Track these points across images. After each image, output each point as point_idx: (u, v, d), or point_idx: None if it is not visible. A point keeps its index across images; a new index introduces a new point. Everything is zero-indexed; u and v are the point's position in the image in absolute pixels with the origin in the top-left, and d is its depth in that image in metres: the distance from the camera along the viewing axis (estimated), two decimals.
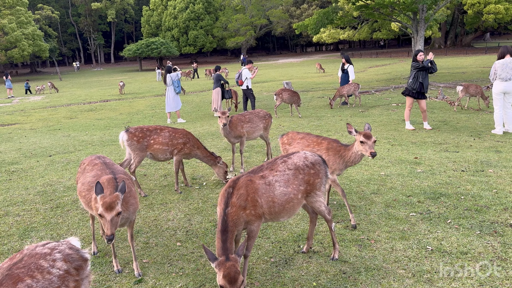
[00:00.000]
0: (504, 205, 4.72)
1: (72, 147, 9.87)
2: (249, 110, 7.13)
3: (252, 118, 7.17)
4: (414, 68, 9.73)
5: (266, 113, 7.41)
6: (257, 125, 7.19)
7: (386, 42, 70.59)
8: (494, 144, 8.02)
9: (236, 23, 62.69)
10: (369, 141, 4.19)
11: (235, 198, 3.26)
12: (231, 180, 3.44)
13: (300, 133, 5.13)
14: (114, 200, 3.05)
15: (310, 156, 3.74)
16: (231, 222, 3.16)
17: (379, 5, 18.75)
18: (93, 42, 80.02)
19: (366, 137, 4.21)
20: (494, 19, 37.41)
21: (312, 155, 3.77)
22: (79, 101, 23.19)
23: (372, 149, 4.16)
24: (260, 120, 7.26)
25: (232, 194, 3.28)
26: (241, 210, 3.24)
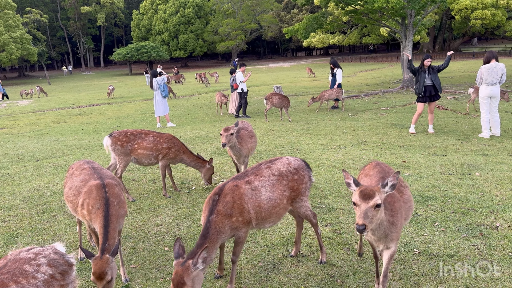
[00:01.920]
0: (490, 208, 4.78)
1: (60, 152, 9.76)
2: (239, 122, 6.10)
3: (252, 130, 6.40)
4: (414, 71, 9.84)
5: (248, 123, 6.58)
6: (256, 137, 6.46)
7: (375, 47, 71.24)
8: (481, 148, 8.13)
9: (226, 28, 62.73)
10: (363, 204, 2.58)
11: (221, 206, 3.24)
12: (217, 187, 3.42)
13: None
14: (104, 269, 2.82)
15: (293, 161, 3.74)
16: (213, 230, 3.14)
17: (368, 10, 18.92)
18: (82, 46, 79.46)
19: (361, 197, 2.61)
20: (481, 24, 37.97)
21: (295, 160, 3.77)
22: (68, 105, 22.99)
23: (361, 219, 2.51)
24: (253, 132, 6.47)
25: (218, 202, 3.26)
26: (226, 218, 3.22)
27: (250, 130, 6.30)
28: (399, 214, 2.97)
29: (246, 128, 6.26)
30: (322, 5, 23.49)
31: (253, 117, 14.56)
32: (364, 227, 2.44)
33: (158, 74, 13.44)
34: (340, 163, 7.25)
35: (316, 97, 14.70)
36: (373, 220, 2.53)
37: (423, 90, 9.64)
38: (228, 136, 5.47)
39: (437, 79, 9.67)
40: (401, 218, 3.02)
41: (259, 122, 13.12)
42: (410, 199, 3.30)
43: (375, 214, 2.52)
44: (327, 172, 6.72)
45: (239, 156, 5.93)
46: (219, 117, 15.14)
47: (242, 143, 5.86)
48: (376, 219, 2.57)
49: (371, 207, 2.52)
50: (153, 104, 13.67)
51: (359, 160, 7.37)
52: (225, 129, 5.51)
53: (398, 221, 2.94)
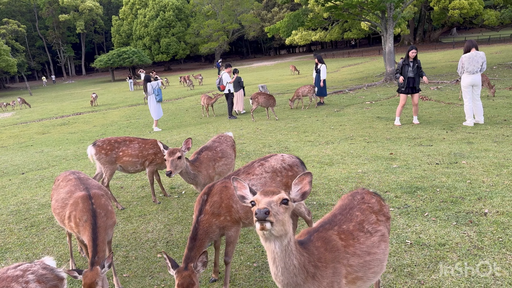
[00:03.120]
0: (478, 195, 4.84)
1: (45, 163, 9.61)
2: (216, 137, 5.27)
3: (224, 150, 5.08)
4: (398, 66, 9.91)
5: (232, 139, 5.52)
6: (231, 158, 5.16)
7: (357, 42, 71.72)
8: (466, 136, 8.24)
9: (208, 29, 62.55)
10: None
11: (208, 206, 3.24)
12: (207, 187, 3.42)
13: None
14: (95, 279, 2.81)
15: (287, 158, 3.75)
16: (201, 230, 3.14)
17: (348, 5, 19.03)
18: (62, 55, 78.41)
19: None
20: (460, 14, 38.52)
21: (290, 157, 3.78)
22: (51, 116, 22.66)
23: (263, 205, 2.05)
24: (231, 149, 5.29)
25: (206, 201, 3.26)
26: (214, 218, 3.21)
27: (220, 150, 5.01)
28: (331, 269, 2.12)
29: (214, 148, 4.98)
30: (302, 2, 23.58)
31: (240, 117, 14.54)
32: (268, 212, 1.79)
33: (152, 78, 13.46)
34: (328, 159, 7.27)
35: (293, 97, 14.88)
36: (278, 216, 1.85)
37: (406, 82, 9.74)
38: (175, 162, 4.16)
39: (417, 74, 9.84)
40: (337, 275, 2.13)
41: (246, 122, 13.11)
42: (376, 250, 2.35)
43: (280, 210, 1.88)
44: (316, 168, 6.73)
45: (196, 185, 4.61)
46: (206, 119, 15.08)
47: (200, 168, 4.60)
48: (281, 217, 1.87)
49: (276, 201, 1.90)
50: (149, 108, 13.67)
51: (347, 155, 7.41)
52: (170, 153, 4.19)
53: (326, 277, 2.09)
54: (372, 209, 2.53)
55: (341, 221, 2.38)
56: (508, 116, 9.82)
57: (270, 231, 1.86)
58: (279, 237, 1.92)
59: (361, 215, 2.44)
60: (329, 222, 2.39)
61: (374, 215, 2.49)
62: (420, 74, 9.80)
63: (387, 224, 2.59)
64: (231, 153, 5.17)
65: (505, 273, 3.24)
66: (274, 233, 1.88)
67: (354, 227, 2.36)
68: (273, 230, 1.86)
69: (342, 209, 2.53)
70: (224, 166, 4.93)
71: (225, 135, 5.42)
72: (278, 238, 1.93)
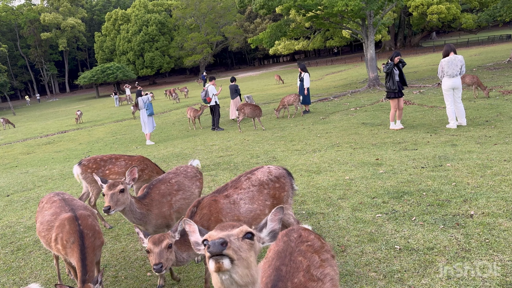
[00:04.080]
0: (463, 197, 4.90)
1: (31, 184, 9.46)
2: (173, 169, 4.62)
3: (181, 182, 4.34)
4: (386, 70, 9.93)
5: (196, 170, 4.73)
6: (191, 191, 4.38)
7: (339, 49, 72.59)
8: (450, 138, 8.36)
9: (191, 42, 62.76)
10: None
11: (198, 218, 3.24)
12: (196, 200, 3.43)
13: None
14: None
15: (274, 170, 3.76)
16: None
17: (329, 14, 19.31)
18: (45, 73, 77.69)
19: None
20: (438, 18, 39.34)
21: (276, 169, 3.80)
22: (36, 135, 22.36)
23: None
24: (192, 180, 4.50)
25: (195, 214, 3.26)
26: None
27: (176, 182, 4.27)
28: None
29: (168, 181, 4.25)
30: (283, 13, 23.85)
31: (227, 128, 14.54)
32: (225, 243, 1.37)
33: (142, 93, 13.67)
34: (316, 167, 7.31)
35: (278, 106, 15.03)
36: (241, 253, 1.42)
37: (397, 86, 9.87)
38: (115, 196, 3.49)
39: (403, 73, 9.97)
40: None
41: (233, 133, 13.12)
42: None
43: (243, 245, 1.46)
44: (304, 177, 6.76)
45: (145, 226, 3.92)
46: (193, 132, 15.05)
47: (151, 206, 3.93)
48: (246, 255, 1.44)
49: (237, 234, 1.49)
50: (141, 122, 13.90)
51: (334, 163, 7.45)
52: (109, 186, 3.51)
53: None
54: (313, 248, 2.19)
55: (289, 274, 2.00)
56: (490, 117, 10.01)
57: (230, 275, 1.34)
58: (244, 286, 1.39)
59: (304, 259, 2.09)
60: (280, 279, 1.99)
61: (316, 256, 2.14)
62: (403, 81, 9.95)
63: (333, 262, 2.23)
64: (190, 185, 4.38)
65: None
66: (237, 279, 1.36)
67: (305, 278, 2.02)
68: (234, 272, 1.35)
69: (281, 256, 2.11)
70: (182, 201, 4.19)
71: (184, 166, 4.69)
72: (243, 287, 1.39)
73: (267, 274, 2.05)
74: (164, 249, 2.95)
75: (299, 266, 2.06)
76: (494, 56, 28.33)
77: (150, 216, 3.88)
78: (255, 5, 19.00)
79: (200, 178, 4.63)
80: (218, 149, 10.54)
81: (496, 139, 7.80)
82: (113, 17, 67.67)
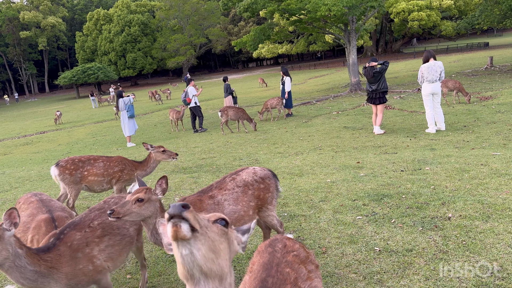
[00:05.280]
0: (441, 200, 5.00)
1: (7, 185, 9.23)
2: (100, 203, 3.47)
3: (108, 223, 3.18)
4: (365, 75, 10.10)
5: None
6: (124, 233, 3.28)
7: (322, 54, 73.42)
8: (429, 143, 8.52)
9: (175, 43, 62.45)
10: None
11: None
12: (179, 199, 3.40)
13: None
14: None
15: (259, 171, 3.77)
16: None
17: (312, 19, 19.49)
18: (24, 72, 76.07)
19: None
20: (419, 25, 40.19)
21: (261, 170, 3.80)
22: (13, 135, 21.86)
23: None
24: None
25: None
26: None
27: (100, 225, 3.14)
28: None
29: (88, 224, 3.12)
30: (267, 16, 23.94)
31: (210, 130, 14.51)
32: (186, 206, 1.19)
33: (123, 94, 13.48)
34: (298, 169, 7.35)
35: (261, 109, 15.12)
36: (207, 231, 1.24)
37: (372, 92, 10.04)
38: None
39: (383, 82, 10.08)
40: None
41: (216, 135, 13.09)
42: None
43: (213, 228, 1.28)
44: (287, 180, 6.78)
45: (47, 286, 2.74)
46: (175, 134, 14.95)
47: (58, 263, 2.79)
48: (213, 235, 1.26)
49: (209, 217, 1.34)
50: (121, 124, 13.58)
51: (316, 165, 7.51)
52: (7, 215, 2.55)
53: None
54: (300, 258, 2.10)
55: (276, 286, 1.89)
56: (468, 122, 10.25)
57: (191, 250, 1.18)
58: (209, 276, 1.22)
59: (291, 271, 1.99)
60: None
61: (303, 267, 2.05)
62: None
63: (318, 273, 2.15)
64: (122, 224, 3.27)
65: (469, 275, 3.35)
66: (199, 258, 1.19)
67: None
68: (196, 248, 1.18)
69: (266, 268, 2.00)
70: (112, 249, 3.11)
71: (116, 197, 3.61)
72: (208, 278, 1.22)
73: (252, 286, 1.93)
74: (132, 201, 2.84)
75: (286, 278, 1.94)
76: (472, 63, 29.05)
77: (56, 275, 2.76)
78: (239, 8, 19.04)
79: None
80: (201, 151, 10.49)
81: (473, 144, 7.98)
82: (95, 17, 66.84)
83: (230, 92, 16.23)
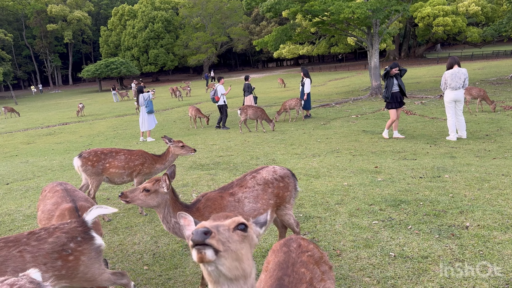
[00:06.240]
0: (460, 209, 4.95)
1: (30, 174, 9.51)
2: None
3: (12, 254, 2.59)
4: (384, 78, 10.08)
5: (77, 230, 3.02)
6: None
7: (343, 56, 72.83)
8: (449, 150, 8.42)
9: (196, 41, 62.90)
10: None
11: (202, 206, 3.32)
12: (201, 194, 3.49)
13: None
14: None
15: (279, 169, 3.82)
16: None
17: (335, 21, 19.40)
18: (49, 64, 77.79)
19: None
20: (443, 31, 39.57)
21: (281, 169, 3.85)
22: (37, 125, 22.41)
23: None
24: (49, 254, 2.68)
25: (200, 202, 3.33)
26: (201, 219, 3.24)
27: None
28: None
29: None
30: (290, 17, 23.95)
31: (228, 129, 14.61)
32: (208, 232, 1.25)
33: (143, 89, 13.73)
34: (315, 171, 7.36)
35: (280, 110, 15.12)
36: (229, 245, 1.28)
37: (393, 97, 9.95)
38: None
39: (402, 84, 10.02)
40: None
41: (234, 134, 13.18)
42: None
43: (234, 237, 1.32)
44: (303, 181, 6.80)
45: None
46: (193, 131, 15.10)
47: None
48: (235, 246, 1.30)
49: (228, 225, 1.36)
50: (139, 119, 13.80)
51: (333, 168, 7.50)
52: None
53: None
54: (314, 259, 2.13)
55: (292, 285, 1.93)
56: (490, 131, 10.07)
57: (216, 266, 1.25)
58: (233, 280, 1.30)
59: (307, 271, 2.02)
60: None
61: (317, 268, 2.09)
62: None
63: (331, 275, 2.17)
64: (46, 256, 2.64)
65: (485, 285, 3.32)
66: (224, 271, 1.26)
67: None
68: (220, 264, 1.25)
69: (282, 267, 2.04)
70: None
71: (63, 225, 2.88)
72: (234, 282, 1.30)
73: (268, 284, 1.98)
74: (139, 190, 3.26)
75: (302, 277, 1.99)
76: (498, 71, 28.44)
77: None
78: (262, 8, 19.09)
79: (82, 248, 2.75)
80: (219, 148, 10.59)
81: (495, 154, 7.85)
82: (120, 12, 67.83)
83: (251, 91, 16.29)
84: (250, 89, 16.32)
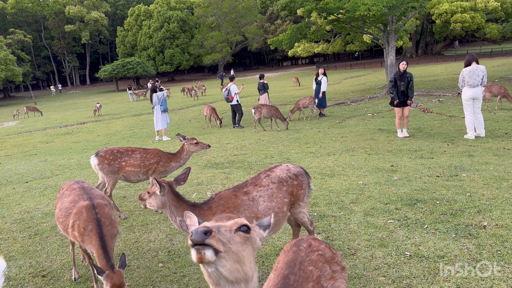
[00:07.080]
0: (477, 208, 4.87)
1: (49, 172, 9.70)
2: None
3: None
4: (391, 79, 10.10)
5: None
6: None
7: (359, 54, 72.15)
8: (467, 149, 8.28)
9: (211, 41, 63.12)
10: None
11: (214, 205, 3.32)
12: (215, 192, 3.50)
13: None
14: (122, 280, 2.99)
15: (292, 168, 3.81)
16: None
17: (350, 18, 19.22)
18: (67, 65, 79.13)
19: None
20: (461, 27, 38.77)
21: (295, 167, 3.84)
22: (55, 125, 22.83)
23: None
24: None
25: (212, 200, 3.34)
26: (212, 217, 3.26)
27: None
28: None
29: None
30: (305, 15, 23.80)
31: (243, 128, 14.63)
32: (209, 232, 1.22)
33: (158, 89, 13.81)
34: (330, 170, 7.32)
35: (293, 108, 15.06)
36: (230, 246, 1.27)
37: (400, 95, 9.93)
38: None
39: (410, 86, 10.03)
40: None
41: (248, 133, 13.19)
42: None
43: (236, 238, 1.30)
44: (318, 179, 6.78)
45: None
46: (208, 130, 15.18)
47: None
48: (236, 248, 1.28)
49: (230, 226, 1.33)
50: (153, 118, 13.94)
51: (348, 167, 7.46)
52: None
53: None
54: (324, 258, 2.10)
55: (297, 284, 1.90)
56: (509, 130, 9.87)
57: (216, 268, 1.23)
58: (234, 283, 1.27)
59: (315, 269, 1.99)
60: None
61: (327, 266, 2.05)
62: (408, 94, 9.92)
63: (343, 275, 2.12)
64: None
65: (502, 286, 3.27)
66: (225, 273, 1.24)
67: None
68: (221, 266, 1.23)
69: (290, 265, 2.01)
70: None
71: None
72: (235, 284, 1.28)
73: (273, 282, 1.96)
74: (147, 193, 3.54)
75: (308, 276, 1.96)
76: None
77: None
78: (277, 6, 19.03)
79: None
80: (233, 147, 10.62)
81: None
82: (136, 12, 68.54)
83: (266, 90, 16.28)
84: (266, 87, 16.32)
